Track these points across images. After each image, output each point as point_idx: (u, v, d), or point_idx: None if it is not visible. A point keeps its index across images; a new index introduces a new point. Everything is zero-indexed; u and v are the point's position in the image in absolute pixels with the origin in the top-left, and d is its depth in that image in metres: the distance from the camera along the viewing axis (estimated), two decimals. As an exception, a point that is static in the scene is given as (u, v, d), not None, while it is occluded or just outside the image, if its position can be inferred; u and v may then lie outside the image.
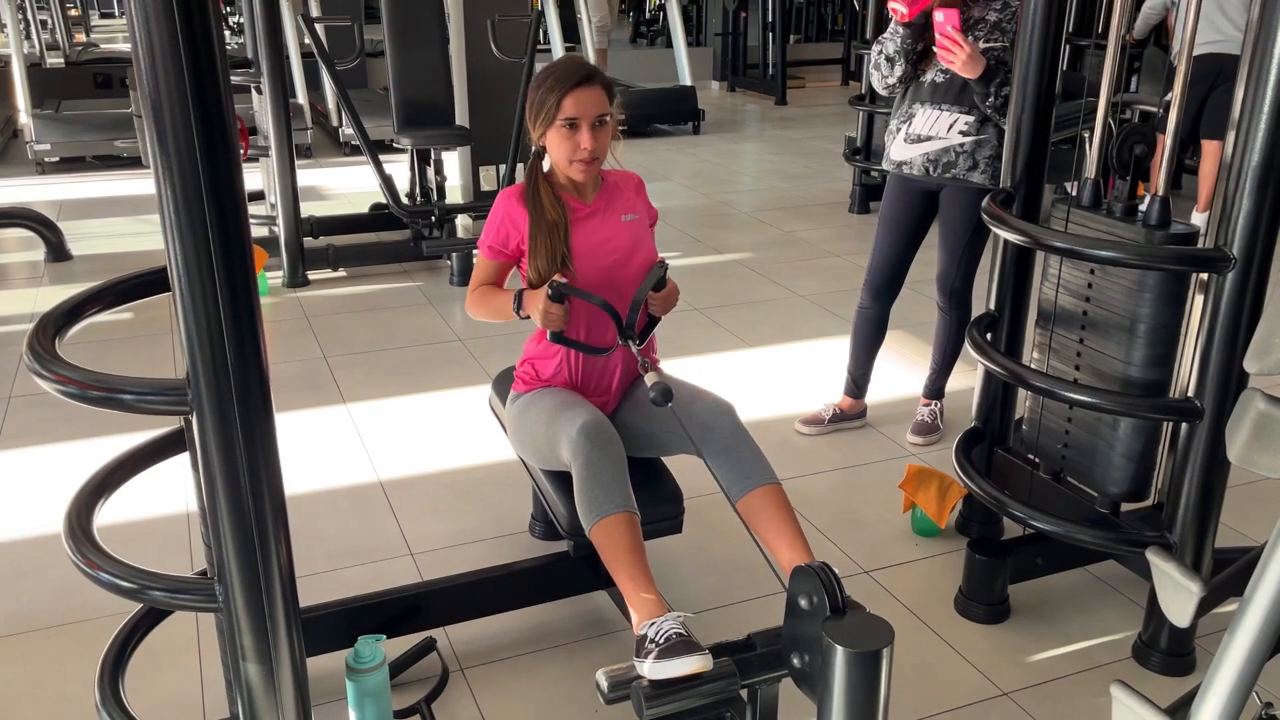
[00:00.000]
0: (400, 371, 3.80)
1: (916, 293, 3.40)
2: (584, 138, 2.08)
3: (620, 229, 2.21)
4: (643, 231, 2.25)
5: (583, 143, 2.08)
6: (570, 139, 2.09)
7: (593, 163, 2.12)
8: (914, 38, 2.86)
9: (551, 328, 2.08)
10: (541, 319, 2.07)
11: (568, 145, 2.10)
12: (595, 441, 2.00)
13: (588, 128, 2.08)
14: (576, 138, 2.08)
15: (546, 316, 2.06)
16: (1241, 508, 2.63)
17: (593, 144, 2.09)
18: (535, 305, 2.08)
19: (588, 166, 2.12)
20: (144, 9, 1.20)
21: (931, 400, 3.30)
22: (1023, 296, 2.48)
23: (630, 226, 2.22)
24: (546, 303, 2.05)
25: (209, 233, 1.30)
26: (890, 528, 2.78)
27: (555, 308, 2.05)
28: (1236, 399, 1.75)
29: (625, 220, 2.22)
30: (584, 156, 2.10)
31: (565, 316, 2.08)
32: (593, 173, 2.16)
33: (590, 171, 2.14)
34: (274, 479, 1.45)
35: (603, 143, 2.11)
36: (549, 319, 2.06)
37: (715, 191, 6.67)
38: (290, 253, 4.70)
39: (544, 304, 2.05)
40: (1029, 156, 2.37)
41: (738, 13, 10.29)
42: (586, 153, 2.09)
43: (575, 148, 2.09)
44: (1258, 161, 1.80)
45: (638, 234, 2.23)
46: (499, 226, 2.20)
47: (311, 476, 3.01)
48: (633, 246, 2.21)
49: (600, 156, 2.13)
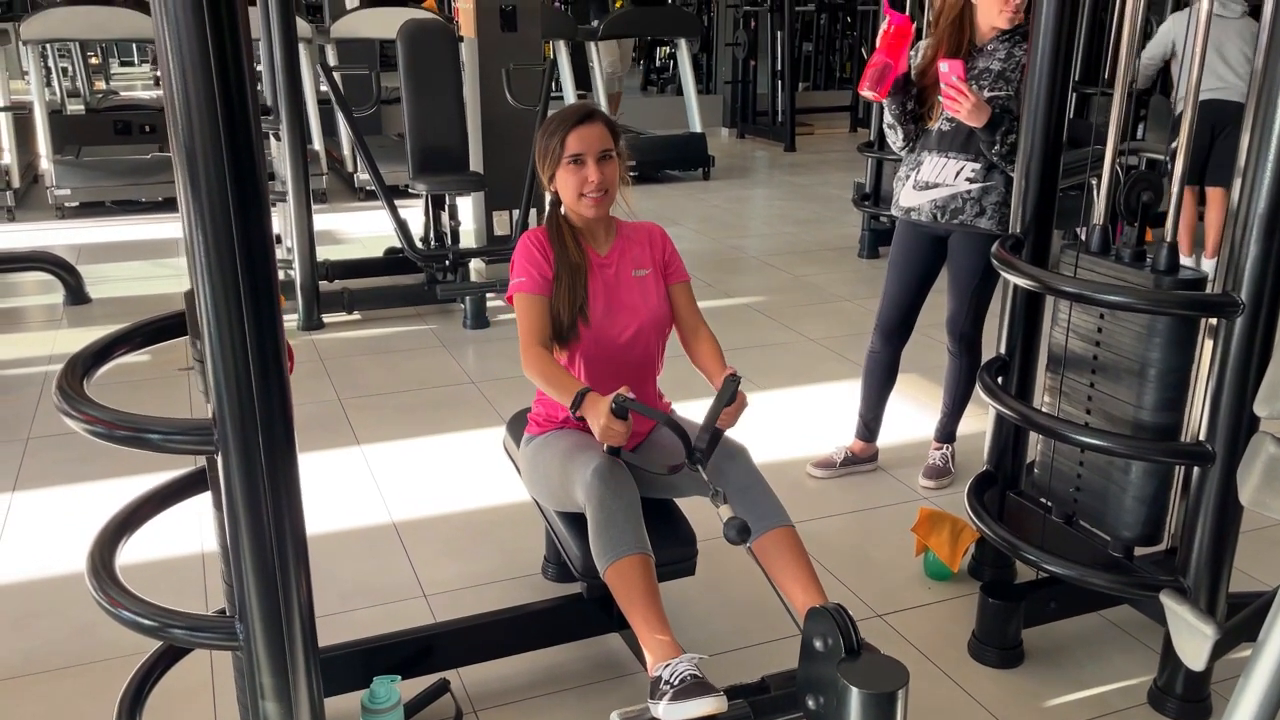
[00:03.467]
0: (414, 413, 3.83)
1: (927, 337, 3.42)
2: (590, 171, 2.12)
3: (631, 285, 2.23)
4: (653, 286, 2.25)
5: (590, 176, 2.12)
6: (578, 174, 2.13)
7: (603, 196, 2.15)
8: (900, 106, 2.95)
9: (611, 443, 1.98)
10: (601, 434, 1.96)
11: (575, 180, 2.13)
12: (609, 484, 2.01)
13: (593, 161, 2.12)
14: (583, 172, 2.12)
15: (607, 432, 1.95)
16: (1255, 552, 2.62)
17: (599, 176, 2.12)
18: (595, 417, 1.96)
19: (597, 201, 2.15)
20: (180, 59, 1.25)
21: (943, 444, 3.31)
22: (1033, 341, 2.51)
23: (640, 282, 2.24)
24: (609, 418, 1.94)
25: (238, 276, 1.33)
26: (903, 571, 2.78)
27: (618, 424, 1.94)
28: (1247, 443, 1.77)
29: (635, 275, 2.24)
30: (592, 190, 2.13)
31: (627, 434, 1.97)
32: (604, 208, 2.18)
33: (601, 206, 2.16)
34: (296, 519, 1.48)
35: (610, 175, 2.15)
36: (610, 434, 1.95)
37: (725, 236, 6.73)
38: (306, 296, 4.75)
39: (606, 419, 1.94)
40: (1038, 203, 2.40)
41: (747, 61, 10.43)
42: (594, 185, 2.12)
43: (583, 181, 2.13)
44: (1264, 208, 1.82)
45: (646, 289, 2.24)
46: (531, 257, 2.18)
47: (326, 517, 3.03)
48: (640, 303, 2.23)
49: (609, 189, 2.16)
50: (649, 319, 2.23)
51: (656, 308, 2.25)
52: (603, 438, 1.97)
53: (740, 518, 1.88)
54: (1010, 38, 2.85)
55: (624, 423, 1.95)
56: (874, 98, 2.91)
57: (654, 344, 2.27)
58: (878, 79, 2.84)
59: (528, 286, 2.16)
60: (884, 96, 2.89)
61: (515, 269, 2.19)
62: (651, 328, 2.24)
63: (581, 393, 2.01)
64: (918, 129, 3.01)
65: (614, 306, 2.20)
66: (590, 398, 1.99)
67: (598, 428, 1.96)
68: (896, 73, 2.84)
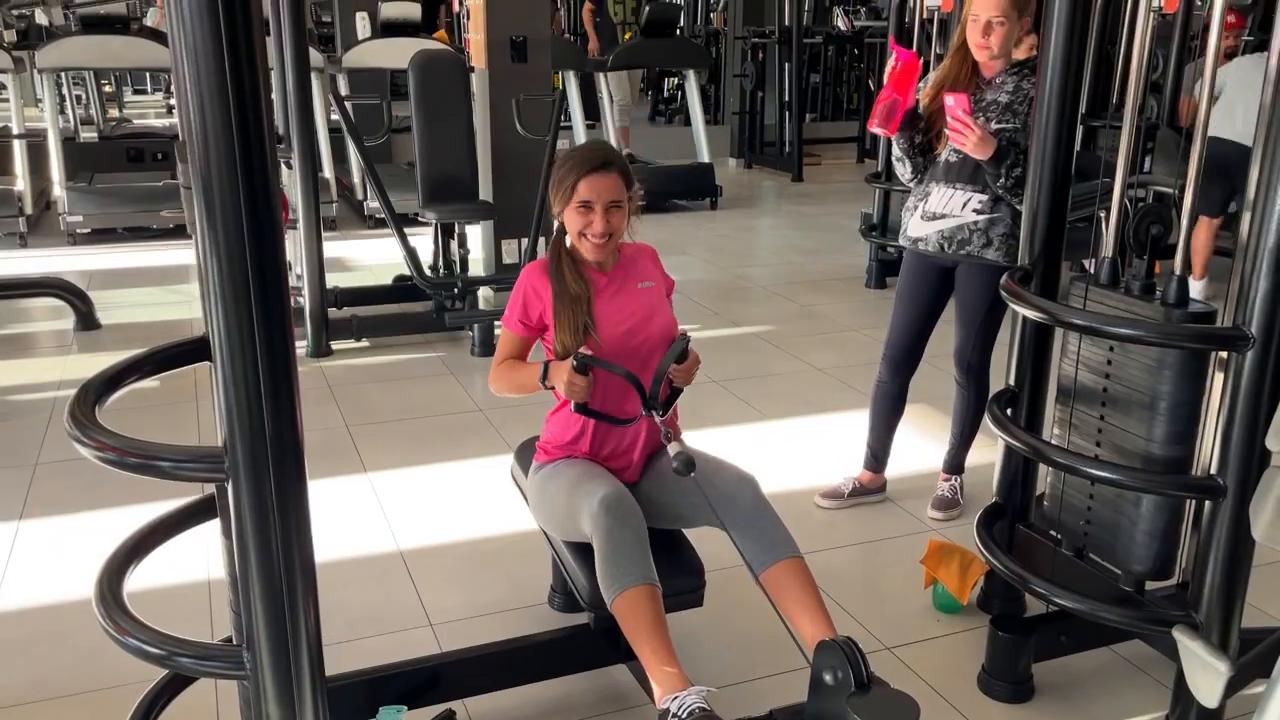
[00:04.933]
0: (422, 441, 3.83)
1: (935, 367, 3.41)
2: (596, 219, 2.16)
3: (637, 295, 2.28)
4: (659, 298, 2.32)
5: (595, 224, 2.17)
6: (584, 217, 2.18)
7: (605, 241, 2.20)
8: (908, 140, 2.98)
9: (576, 399, 2.14)
10: (566, 390, 2.12)
11: (581, 222, 2.19)
12: (616, 514, 2.01)
13: (601, 211, 2.16)
14: (590, 217, 2.17)
15: (571, 387, 2.11)
16: (1267, 586, 2.60)
17: (604, 227, 2.18)
18: (560, 377, 2.13)
19: (598, 247, 2.20)
20: (199, 88, 1.26)
21: (951, 475, 3.29)
22: (1042, 372, 2.50)
23: (647, 293, 2.30)
24: (571, 374, 2.10)
25: (251, 304, 1.34)
26: (912, 603, 2.76)
27: (580, 379, 2.11)
28: (1259, 476, 1.76)
29: (642, 287, 2.30)
30: (595, 238, 2.18)
31: (590, 388, 2.13)
32: (604, 252, 2.23)
33: (601, 251, 2.22)
34: (305, 548, 1.47)
35: (616, 224, 2.20)
36: (574, 390, 2.11)
37: (733, 266, 6.74)
38: (315, 323, 4.77)
39: (569, 375, 2.10)
40: (1047, 235, 2.41)
41: (754, 92, 10.50)
42: (598, 233, 2.18)
43: (587, 225, 2.18)
44: (1274, 242, 1.82)
45: (654, 300, 2.30)
46: (523, 299, 2.26)
47: (332, 545, 3.02)
48: (649, 312, 2.27)
49: (613, 236, 2.21)
50: (659, 330, 2.26)
51: (665, 317, 2.30)
52: (568, 394, 2.13)
53: (687, 452, 2.02)
54: (1019, 70, 2.86)
55: (586, 377, 2.11)
56: (884, 134, 2.95)
57: None
58: (887, 115, 2.87)
59: (509, 326, 2.30)
60: (893, 132, 2.92)
61: (511, 302, 2.30)
62: (662, 338, 2.26)
63: (546, 364, 2.19)
64: (926, 161, 3.03)
65: (624, 320, 2.24)
66: (554, 364, 2.18)
67: (562, 384, 2.12)
68: (905, 107, 2.88)
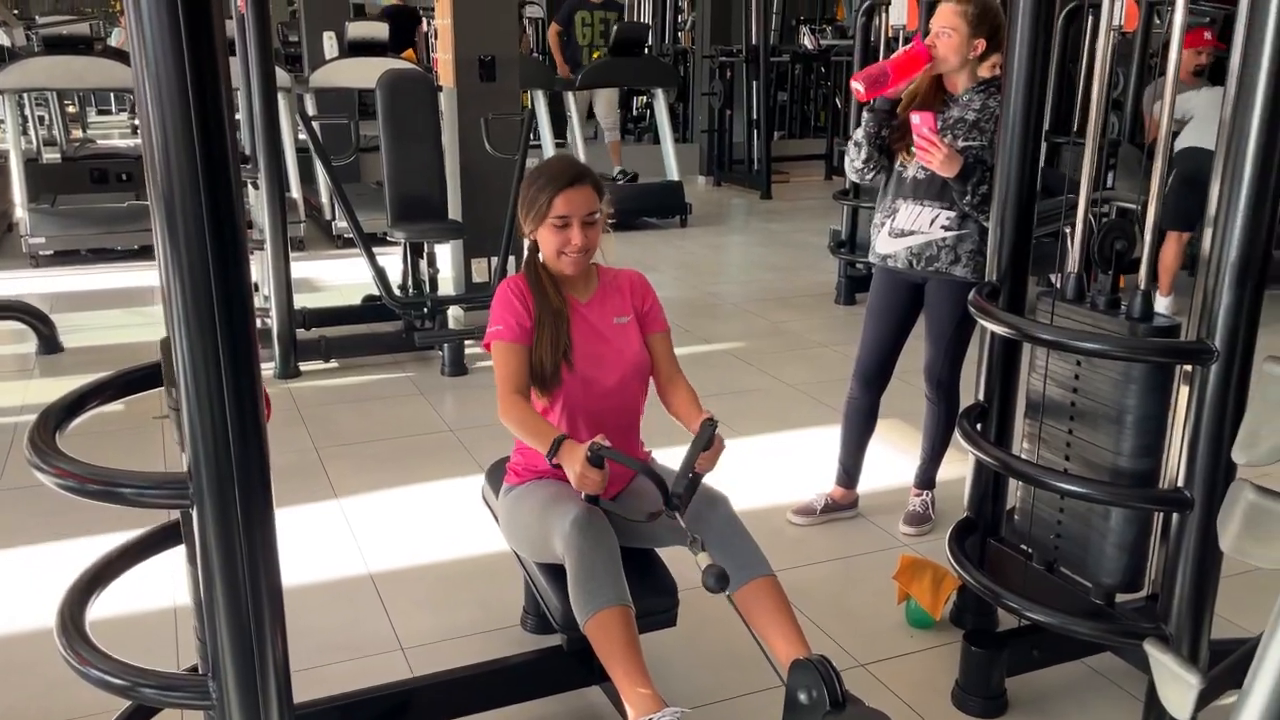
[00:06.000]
0: (391, 462, 3.80)
1: (906, 383, 3.43)
2: (574, 234, 2.13)
3: (612, 331, 2.24)
4: (633, 333, 2.26)
5: (573, 239, 2.14)
6: (561, 234, 2.14)
7: (583, 256, 2.17)
8: (877, 123, 2.97)
9: (587, 490, 1.99)
10: (576, 481, 1.97)
11: (558, 239, 2.15)
12: (588, 534, 2.00)
13: (578, 225, 2.14)
14: (567, 234, 2.14)
15: (583, 479, 1.96)
16: (1236, 597, 2.62)
17: (582, 240, 2.14)
18: (572, 466, 1.97)
19: (576, 262, 2.17)
20: (161, 109, 1.24)
21: (923, 490, 3.31)
22: (1011, 387, 2.52)
23: (621, 330, 2.25)
24: (585, 465, 1.94)
25: (216, 327, 1.32)
26: (885, 619, 2.76)
27: (594, 472, 1.95)
28: (1225, 488, 1.77)
29: (616, 323, 2.25)
30: (573, 253, 2.15)
31: (604, 482, 1.97)
32: (582, 265, 2.19)
33: (579, 265, 2.18)
34: (272, 574, 1.45)
35: (592, 239, 2.17)
36: (585, 482, 1.96)
37: (703, 283, 6.76)
38: (283, 344, 4.72)
39: (581, 467, 1.94)
40: (1013, 251, 2.43)
41: (723, 110, 10.55)
42: (576, 248, 2.14)
43: (565, 243, 2.14)
44: (1235, 257, 1.85)
45: (627, 336, 2.25)
46: (510, 305, 2.18)
47: (301, 569, 2.98)
48: (622, 349, 2.23)
49: (590, 251, 2.18)
50: (631, 366, 2.23)
51: (637, 355, 2.25)
52: (579, 485, 1.97)
53: (718, 565, 1.86)
54: (984, 89, 2.90)
55: (600, 471, 1.95)
56: (860, 94, 2.90)
57: (637, 391, 2.27)
58: (873, 81, 2.85)
59: (506, 335, 2.16)
60: (867, 98, 2.90)
61: (494, 316, 2.20)
62: (634, 375, 2.24)
63: (558, 440, 2.01)
64: (880, 161, 3.03)
65: (597, 353, 2.20)
66: (567, 445, 2.00)
67: (574, 475, 1.96)
68: (890, 87, 2.86)
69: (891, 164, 3.04)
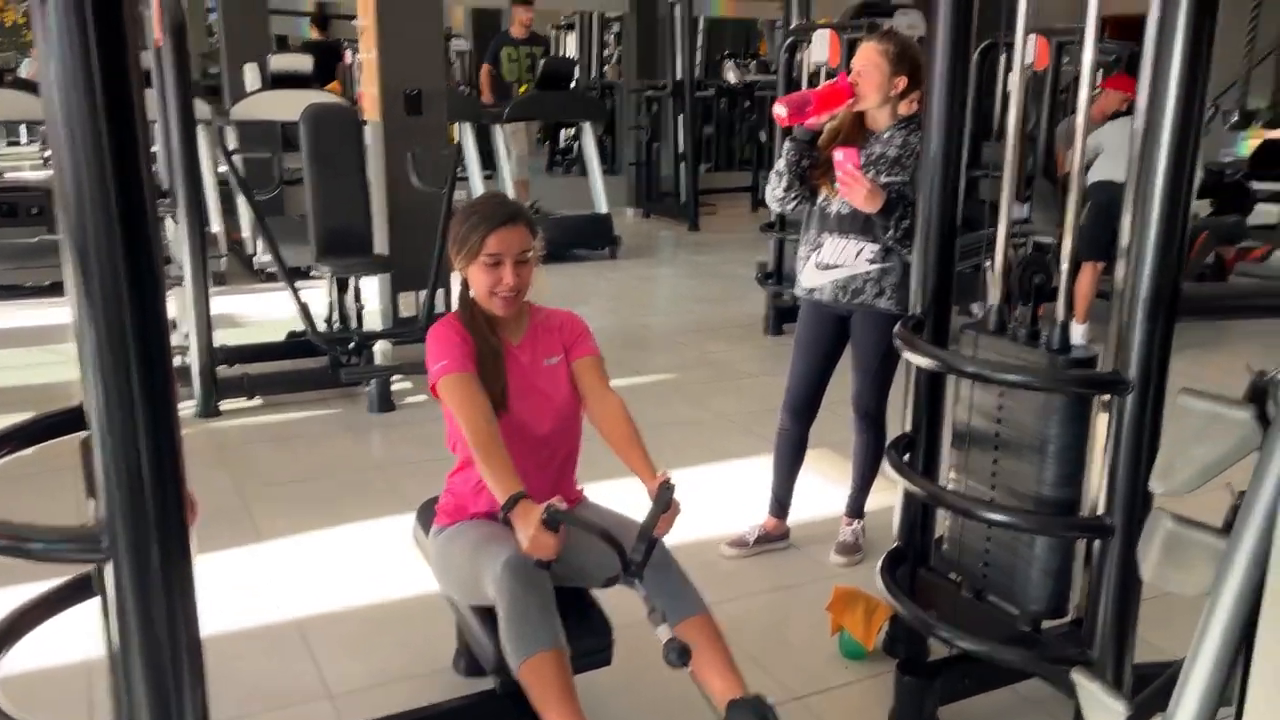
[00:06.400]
0: (318, 503, 3.71)
1: (835, 413, 3.46)
2: (507, 273, 2.11)
3: (544, 374, 2.22)
4: (562, 374, 2.23)
5: (505, 278, 2.11)
6: (493, 273, 2.11)
7: (515, 297, 2.14)
8: (797, 153, 3.00)
9: (540, 556, 1.89)
10: (529, 545, 1.88)
11: (490, 279, 2.12)
12: (520, 577, 1.96)
13: (511, 264, 2.11)
14: (499, 273, 2.11)
15: (535, 543, 1.87)
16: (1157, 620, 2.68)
17: (515, 280, 2.11)
18: (525, 530, 1.88)
19: (508, 301, 2.14)
20: (72, 142, 1.20)
21: (853, 519, 3.34)
22: (937, 418, 2.56)
23: (551, 371, 2.22)
24: (539, 529, 1.85)
25: (130, 370, 1.27)
26: (819, 651, 2.77)
27: (547, 537, 1.86)
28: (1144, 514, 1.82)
29: (547, 364, 2.22)
30: (505, 292, 2.12)
31: (558, 548, 1.88)
32: (514, 306, 2.17)
33: (511, 306, 2.15)
34: (191, 625, 1.40)
35: (525, 278, 2.15)
36: (538, 546, 1.87)
37: (633, 315, 6.78)
38: (203, 382, 4.60)
39: (535, 530, 1.86)
40: (936, 284, 2.47)
41: (650, 143, 10.64)
42: (509, 287, 2.12)
43: (497, 282, 2.12)
44: (1146, 291, 1.91)
45: (558, 378, 2.22)
46: (451, 340, 2.11)
47: (223, 617, 2.87)
48: (552, 394, 2.21)
49: (522, 290, 2.16)
50: (564, 409, 2.21)
51: (568, 398, 2.23)
52: (531, 550, 1.89)
53: (679, 640, 1.82)
54: (905, 126, 2.96)
55: (554, 535, 1.87)
56: (782, 119, 2.91)
57: (572, 435, 2.26)
58: (795, 107, 2.87)
59: (455, 366, 2.07)
60: (789, 123, 2.93)
61: (435, 354, 2.11)
62: (569, 417, 2.22)
63: (516, 496, 1.93)
64: (802, 191, 3.06)
65: (531, 397, 2.18)
66: (523, 505, 1.91)
67: (526, 538, 1.89)
68: (811, 115, 2.89)
69: (813, 195, 3.08)
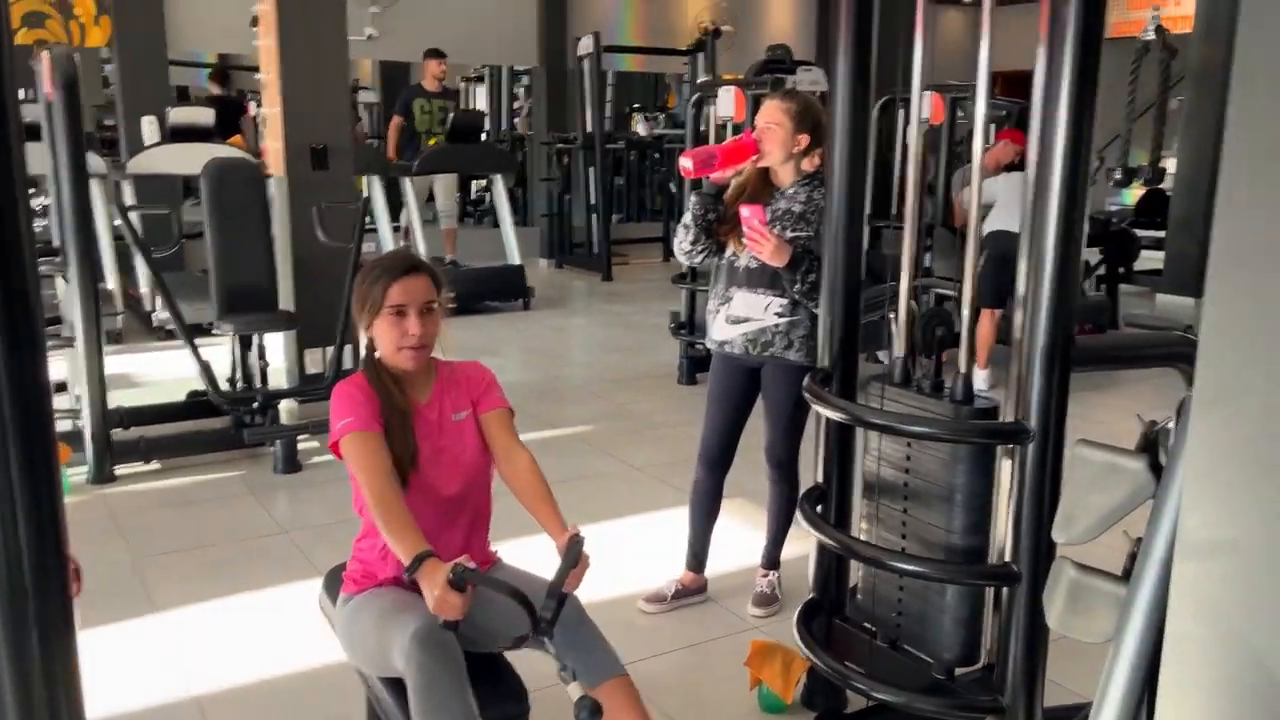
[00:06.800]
0: (219, 570, 3.57)
1: (750, 462, 3.48)
2: (411, 324, 2.06)
3: (451, 431, 2.17)
4: (470, 429, 2.19)
5: (410, 329, 2.06)
6: (398, 325, 2.07)
7: (421, 350, 2.10)
8: (703, 206, 3.04)
9: (446, 615, 1.84)
10: (435, 605, 1.83)
11: (395, 332, 2.07)
12: (429, 648, 1.89)
13: (415, 314, 2.07)
14: (404, 324, 2.07)
15: (443, 604, 1.82)
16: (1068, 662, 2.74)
17: (420, 330, 2.07)
18: (431, 590, 1.84)
19: (416, 354, 2.09)
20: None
21: (769, 570, 3.34)
22: (848, 468, 2.58)
23: (458, 427, 2.18)
24: (445, 589, 1.81)
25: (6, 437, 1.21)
26: (739, 706, 2.75)
27: (454, 597, 1.82)
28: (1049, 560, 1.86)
29: (455, 419, 2.18)
30: (411, 343, 2.08)
31: (465, 607, 1.84)
32: (422, 361, 2.12)
33: (419, 360, 2.11)
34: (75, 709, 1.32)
35: (431, 330, 2.10)
36: (445, 606, 1.82)
37: (548, 366, 6.75)
38: (97, 446, 4.41)
39: (442, 590, 1.81)
40: (843, 337, 2.52)
41: (562, 195, 10.70)
42: (414, 339, 2.07)
43: (403, 334, 2.07)
44: (1043, 342, 1.97)
45: (464, 434, 2.18)
46: (355, 398, 2.05)
47: (114, 698, 2.73)
48: (460, 452, 2.16)
49: (428, 344, 2.12)
50: (473, 467, 2.16)
51: (477, 454, 2.19)
52: (437, 610, 1.84)
53: (591, 697, 1.77)
54: (809, 182, 3.02)
55: (461, 595, 1.82)
56: (688, 171, 2.92)
57: (482, 492, 2.21)
58: (701, 162, 2.90)
59: (359, 424, 2.02)
60: (694, 176, 2.94)
61: (339, 412, 2.06)
62: (479, 474, 2.18)
63: (421, 555, 1.87)
64: (710, 245, 3.09)
65: (439, 456, 2.13)
66: (429, 564, 1.86)
67: (432, 599, 1.84)
68: (716, 169, 2.92)
69: (720, 248, 3.12)
